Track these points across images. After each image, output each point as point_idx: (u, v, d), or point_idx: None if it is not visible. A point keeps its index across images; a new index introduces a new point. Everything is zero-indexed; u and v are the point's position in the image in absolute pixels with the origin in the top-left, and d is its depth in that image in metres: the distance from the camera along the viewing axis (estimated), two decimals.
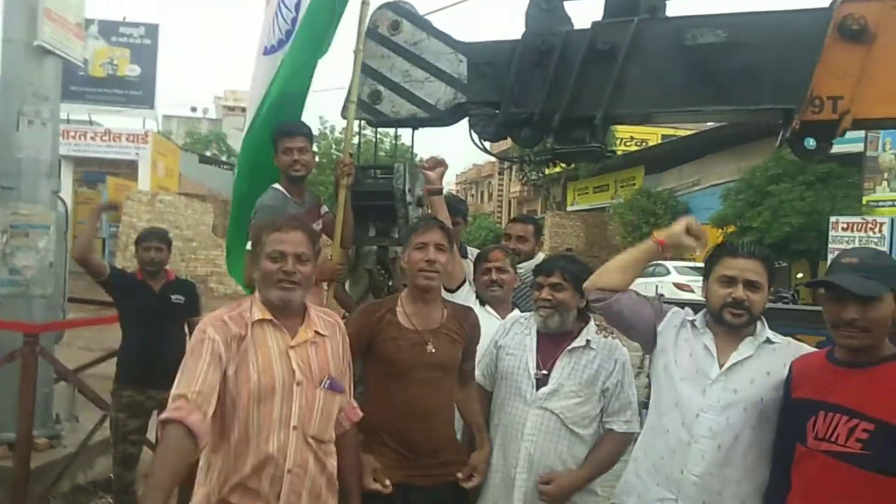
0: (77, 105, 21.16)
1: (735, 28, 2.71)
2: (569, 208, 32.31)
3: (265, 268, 2.12)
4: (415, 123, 3.29)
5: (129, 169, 23.36)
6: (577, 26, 2.97)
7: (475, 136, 3.17)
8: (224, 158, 38.69)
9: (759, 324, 2.26)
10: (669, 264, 19.23)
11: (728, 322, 2.20)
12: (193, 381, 1.94)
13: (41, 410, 4.41)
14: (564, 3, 3.00)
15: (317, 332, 2.18)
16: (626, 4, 2.91)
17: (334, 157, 21.86)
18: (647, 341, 2.42)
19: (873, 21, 2.52)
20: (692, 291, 17.12)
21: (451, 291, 3.05)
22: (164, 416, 1.91)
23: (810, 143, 2.74)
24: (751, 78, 2.70)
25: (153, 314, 4.05)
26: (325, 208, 3.54)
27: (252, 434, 2.03)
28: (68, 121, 19.76)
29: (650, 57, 2.82)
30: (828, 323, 1.97)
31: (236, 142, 45.86)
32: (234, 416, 2.03)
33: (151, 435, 4.22)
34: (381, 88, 3.21)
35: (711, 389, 2.18)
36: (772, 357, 2.19)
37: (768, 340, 2.23)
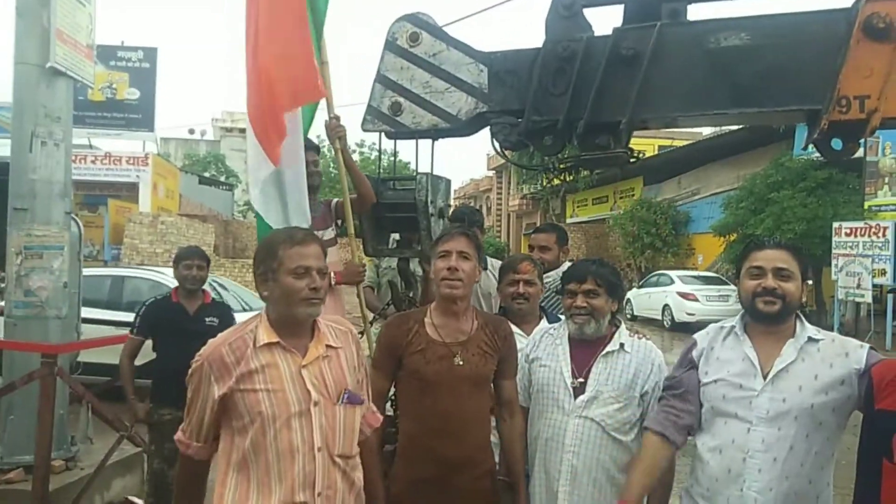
0: (77, 129, 21.27)
1: (758, 30, 2.71)
2: (568, 220, 32.35)
3: (290, 285, 2.01)
4: (435, 134, 3.28)
5: (129, 191, 23.39)
6: (596, 33, 2.98)
7: (497, 145, 3.17)
8: (223, 179, 38.79)
9: (798, 324, 2.20)
10: (673, 273, 19.26)
11: (761, 311, 2.16)
12: (186, 416, 2.07)
13: (57, 432, 4.35)
14: (584, 9, 3.01)
15: (328, 346, 2.11)
16: (646, 10, 2.92)
17: (332, 174, 21.97)
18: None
19: None
20: (696, 300, 17.15)
21: None
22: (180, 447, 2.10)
23: (837, 143, 2.73)
24: (776, 79, 2.69)
25: (187, 336, 3.88)
26: (334, 200, 3.69)
27: (273, 464, 1.95)
28: None
29: (674, 61, 2.82)
30: None
31: (234, 162, 46.32)
32: (252, 445, 1.96)
33: None
34: (402, 100, 3.21)
35: (758, 401, 2.12)
36: (817, 359, 2.13)
37: (811, 340, 2.16)
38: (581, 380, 2.53)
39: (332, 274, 3.48)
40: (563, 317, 2.73)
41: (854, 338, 2.29)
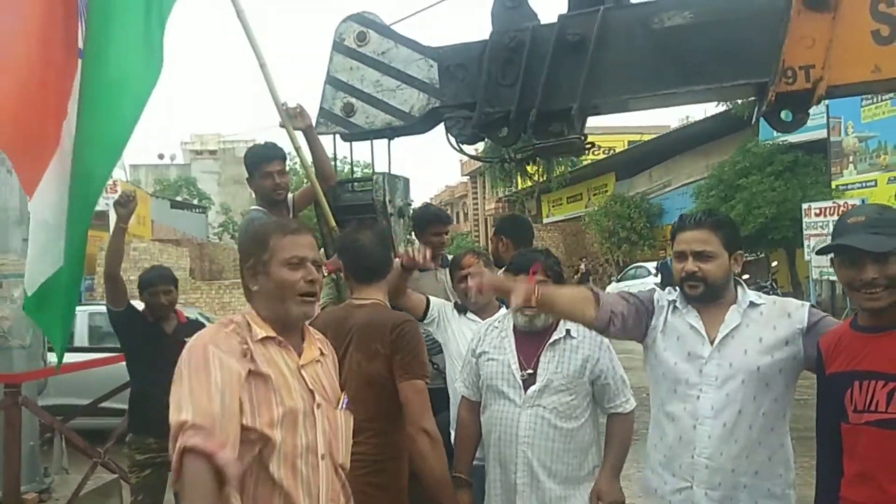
0: None
1: (701, 8, 2.73)
2: (545, 220, 32.50)
3: (284, 277, 1.79)
4: (390, 133, 3.26)
5: (99, 220, 23.01)
6: (542, 21, 2.98)
7: (453, 140, 3.15)
8: (195, 202, 38.53)
9: (739, 289, 2.23)
10: (650, 265, 19.40)
11: (688, 294, 2.21)
12: (209, 403, 1.56)
13: (29, 464, 4.26)
14: None
15: (321, 351, 1.94)
16: None
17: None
18: (642, 335, 2.34)
19: None
20: (675, 289, 17.25)
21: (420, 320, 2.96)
22: (187, 443, 1.49)
23: (787, 115, 2.75)
24: (722, 55, 2.71)
25: (167, 358, 3.75)
26: (289, 196, 3.62)
27: (277, 469, 1.71)
28: None
29: (620, 44, 2.83)
30: (846, 287, 1.90)
31: (206, 185, 45.90)
32: (254, 448, 1.70)
33: None
34: (354, 100, 3.19)
35: (707, 368, 2.15)
36: (760, 322, 2.16)
37: (752, 304, 2.19)
38: (530, 371, 2.50)
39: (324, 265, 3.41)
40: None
41: (832, 316, 2.29)
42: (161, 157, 48.81)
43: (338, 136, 3.32)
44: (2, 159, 4.37)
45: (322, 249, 3.45)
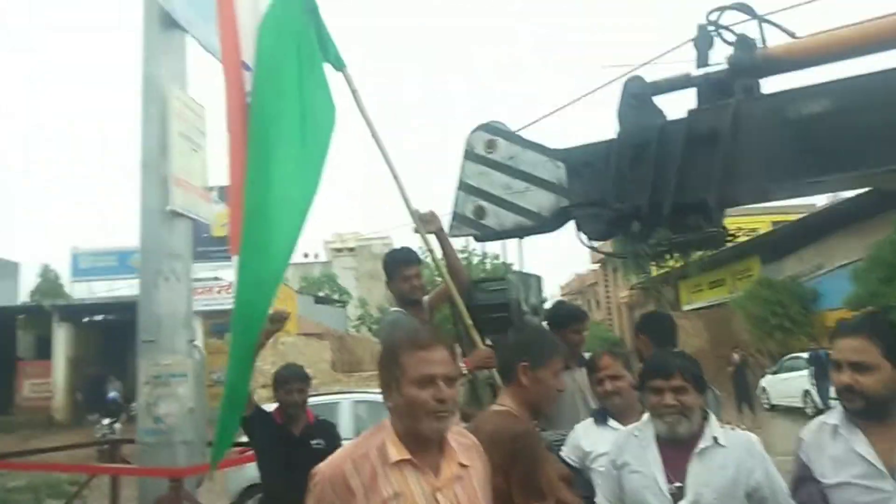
0: (204, 264, 22.86)
1: (843, 94, 2.63)
2: (684, 308, 31.05)
3: (414, 396, 1.80)
4: (520, 233, 3.32)
5: None
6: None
7: (584, 238, 3.16)
8: (336, 297, 40.39)
9: None
10: (806, 356, 17.91)
11: (847, 409, 2.00)
12: None
13: None
14: (653, 97, 3.04)
15: (460, 464, 1.87)
16: (719, 90, 2.92)
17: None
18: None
19: None
20: None
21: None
22: None
23: None
24: (871, 140, 2.57)
25: (293, 461, 3.77)
26: (424, 299, 3.75)
27: None
28: (197, 279, 21.36)
29: (756, 134, 2.76)
30: None
31: (346, 281, 47.72)
32: None
33: None
34: (484, 204, 3.30)
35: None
36: None
37: None
38: (678, 484, 2.29)
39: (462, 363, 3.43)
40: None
41: None
42: (306, 255, 52.10)
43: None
44: (171, 269, 4.84)
45: (459, 348, 3.50)
